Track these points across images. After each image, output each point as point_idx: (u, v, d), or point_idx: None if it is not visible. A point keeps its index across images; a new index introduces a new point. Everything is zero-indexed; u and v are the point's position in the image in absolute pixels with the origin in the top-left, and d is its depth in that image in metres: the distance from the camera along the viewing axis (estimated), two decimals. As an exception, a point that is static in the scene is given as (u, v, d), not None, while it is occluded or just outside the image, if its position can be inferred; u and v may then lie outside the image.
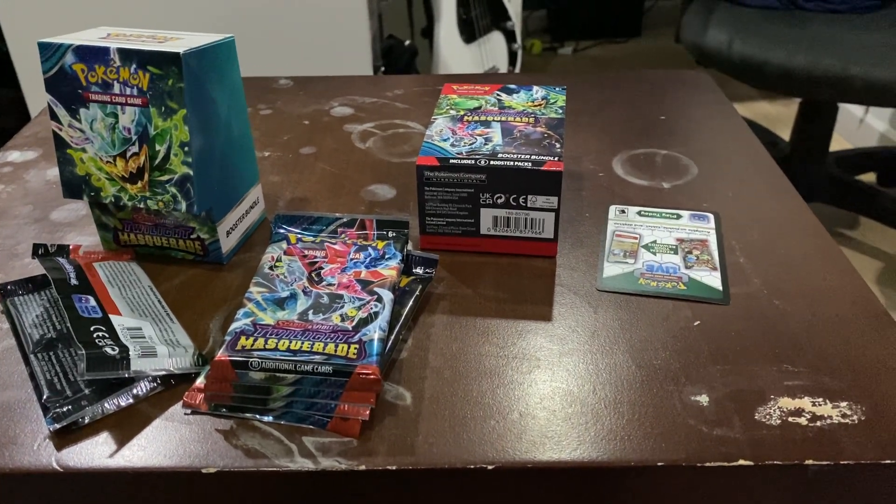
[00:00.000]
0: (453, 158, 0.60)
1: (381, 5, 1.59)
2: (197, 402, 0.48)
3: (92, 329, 0.49)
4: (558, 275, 0.61)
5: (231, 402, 0.48)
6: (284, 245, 0.59)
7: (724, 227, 0.67)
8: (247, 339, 0.48)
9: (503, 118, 0.66)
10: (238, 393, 0.47)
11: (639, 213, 0.68)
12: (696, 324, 0.55)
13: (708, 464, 0.44)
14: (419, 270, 0.59)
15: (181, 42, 0.55)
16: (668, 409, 0.48)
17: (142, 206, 0.57)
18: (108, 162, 0.57)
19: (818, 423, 0.46)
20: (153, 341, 0.50)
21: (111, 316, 0.51)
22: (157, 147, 0.55)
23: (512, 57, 2.26)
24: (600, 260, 0.62)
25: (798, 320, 0.55)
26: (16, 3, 1.39)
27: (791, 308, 0.57)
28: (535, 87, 0.71)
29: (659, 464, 0.44)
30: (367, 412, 0.46)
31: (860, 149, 2.35)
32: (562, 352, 0.53)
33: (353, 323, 0.51)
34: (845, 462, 0.44)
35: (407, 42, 1.86)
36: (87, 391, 0.48)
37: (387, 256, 0.58)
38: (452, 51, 1.99)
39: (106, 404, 0.47)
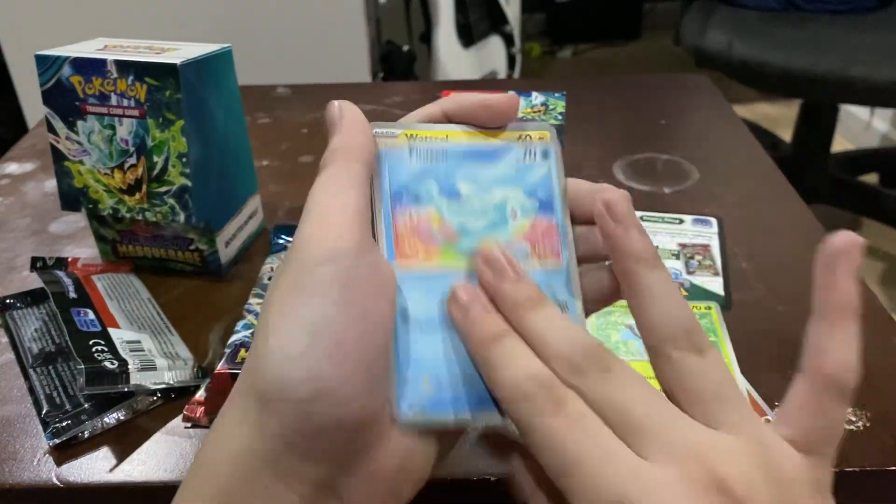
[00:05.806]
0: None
1: (378, 11, 1.58)
2: (197, 415, 0.48)
3: (91, 343, 0.48)
4: (559, 282, 0.60)
5: (231, 415, 0.47)
6: (283, 255, 0.59)
7: (726, 232, 0.66)
8: (247, 351, 0.48)
9: (502, 125, 0.65)
10: (238, 406, 0.47)
11: (640, 219, 0.68)
12: (698, 330, 0.55)
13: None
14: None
15: (178, 53, 0.55)
16: (671, 418, 0.47)
17: (140, 217, 0.57)
18: (105, 174, 0.57)
19: (823, 431, 0.46)
20: (152, 354, 0.50)
21: (110, 329, 0.51)
22: (155, 158, 0.55)
23: (511, 61, 2.26)
24: (602, 266, 0.62)
25: (801, 325, 0.55)
26: (12, 13, 1.39)
27: (794, 313, 0.56)
28: (535, 94, 0.71)
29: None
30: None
31: (862, 149, 2.35)
32: (564, 360, 0.52)
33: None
34: (850, 469, 0.43)
35: (405, 47, 1.86)
36: (86, 405, 0.47)
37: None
38: (451, 55, 1.99)
39: (106, 418, 0.47)
